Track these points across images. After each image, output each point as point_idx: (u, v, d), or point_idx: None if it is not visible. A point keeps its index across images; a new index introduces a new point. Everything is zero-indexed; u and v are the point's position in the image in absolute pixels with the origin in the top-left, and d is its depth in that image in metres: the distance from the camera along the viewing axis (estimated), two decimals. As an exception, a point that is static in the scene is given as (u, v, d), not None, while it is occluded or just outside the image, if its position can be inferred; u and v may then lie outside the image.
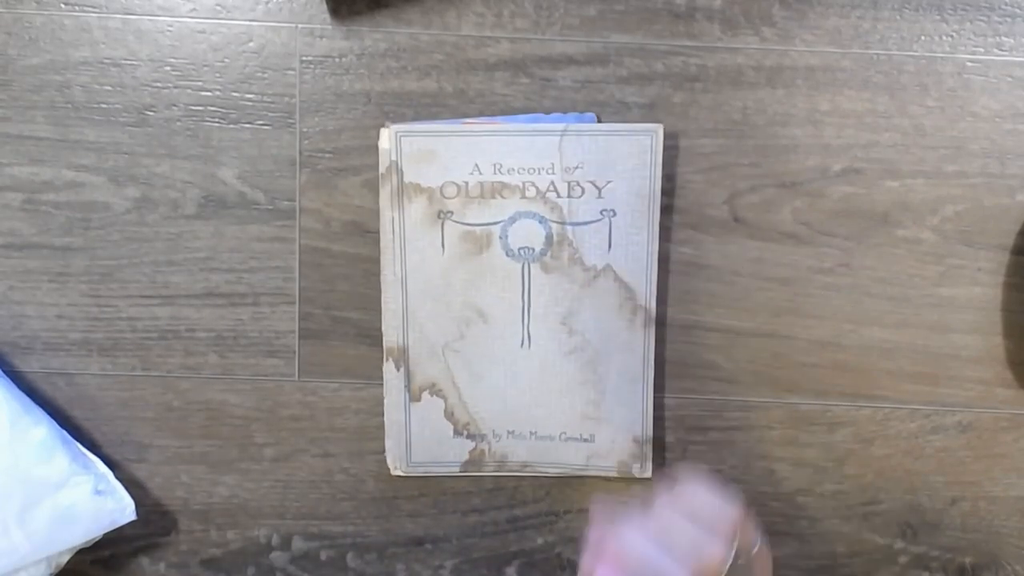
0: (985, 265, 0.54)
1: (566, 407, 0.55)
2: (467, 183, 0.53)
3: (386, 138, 0.53)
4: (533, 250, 0.53)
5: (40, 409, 0.53)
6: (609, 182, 0.53)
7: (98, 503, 0.52)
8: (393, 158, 0.53)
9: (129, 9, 0.53)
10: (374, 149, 0.54)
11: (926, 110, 0.53)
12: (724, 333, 0.55)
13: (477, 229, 0.53)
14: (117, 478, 0.54)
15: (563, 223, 0.53)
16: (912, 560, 0.57)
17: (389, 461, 0.56)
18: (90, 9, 0.53)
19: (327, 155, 0.54)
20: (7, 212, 0.54)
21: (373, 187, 0.54)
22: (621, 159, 0.52)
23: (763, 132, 0.54)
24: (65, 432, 0.53)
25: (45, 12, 0.53)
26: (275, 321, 0.55)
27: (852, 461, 0.56)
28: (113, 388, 0.56)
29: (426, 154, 0.53)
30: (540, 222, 0.53)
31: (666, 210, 0.54)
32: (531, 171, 0.53)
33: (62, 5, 0.53)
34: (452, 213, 0.53)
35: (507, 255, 0.54)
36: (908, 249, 0.54)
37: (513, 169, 0.53)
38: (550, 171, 0.53)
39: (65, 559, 0.53)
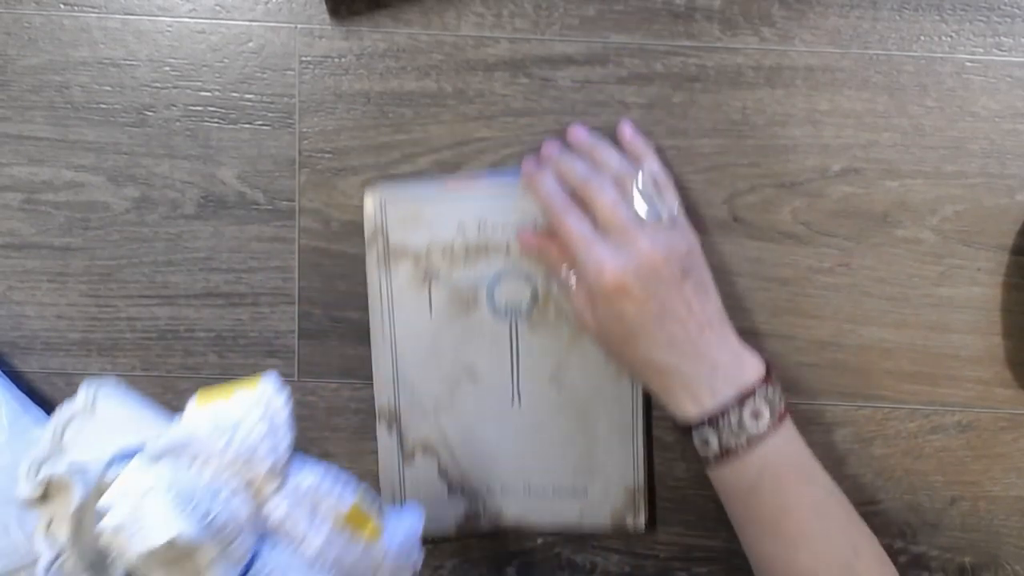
0: (984, 265, 0.54)
1: (558, 461, 0.55)
2: (452, 244, 0.53)
3: (371, 203, 0.53)
4: (520, 308, 0.53)
5: (39, 409, 0.53)
6: None
7: (97, 503, 0.52)
8: (378, 223, 0.53)
9: (128, 9, 0.53)
10: (373, 149, 0.54)
11: (925, 110, 0.53)
12: (723, 333, 0.55)
13: (464, 289, 0.53)
14: (116, 478, 0.54)
15: (548, 279, 0.53)
16: (912, 560, 0.57)
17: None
18: (89, 9, 0.53)
19: (326, 155, 0.54)
20: (6, 212, 0.54)
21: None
22: None
23: (762, 132, 0.54)
24: (64, 432, 0.53)
25: (44, 12, 0.53)
26: (274, 321, 0.55)
27: (851, 461, 0.56)
28: (112, 388, 0.56)
29: (411, 217, 0.52)
30: (526, 279, 0.53)
31: (665, 210, 0.54)
32: (515, 228, 0.53)
33: (61, 5, 0.53)
34: (438, 274, 0.53)
35: (494, 314, 0.53)
36: (907, 249, 0.54)
37: (497, 227, 0.53)
38: (533, 227, 0.52)
39: (64, 559, 0.53)
